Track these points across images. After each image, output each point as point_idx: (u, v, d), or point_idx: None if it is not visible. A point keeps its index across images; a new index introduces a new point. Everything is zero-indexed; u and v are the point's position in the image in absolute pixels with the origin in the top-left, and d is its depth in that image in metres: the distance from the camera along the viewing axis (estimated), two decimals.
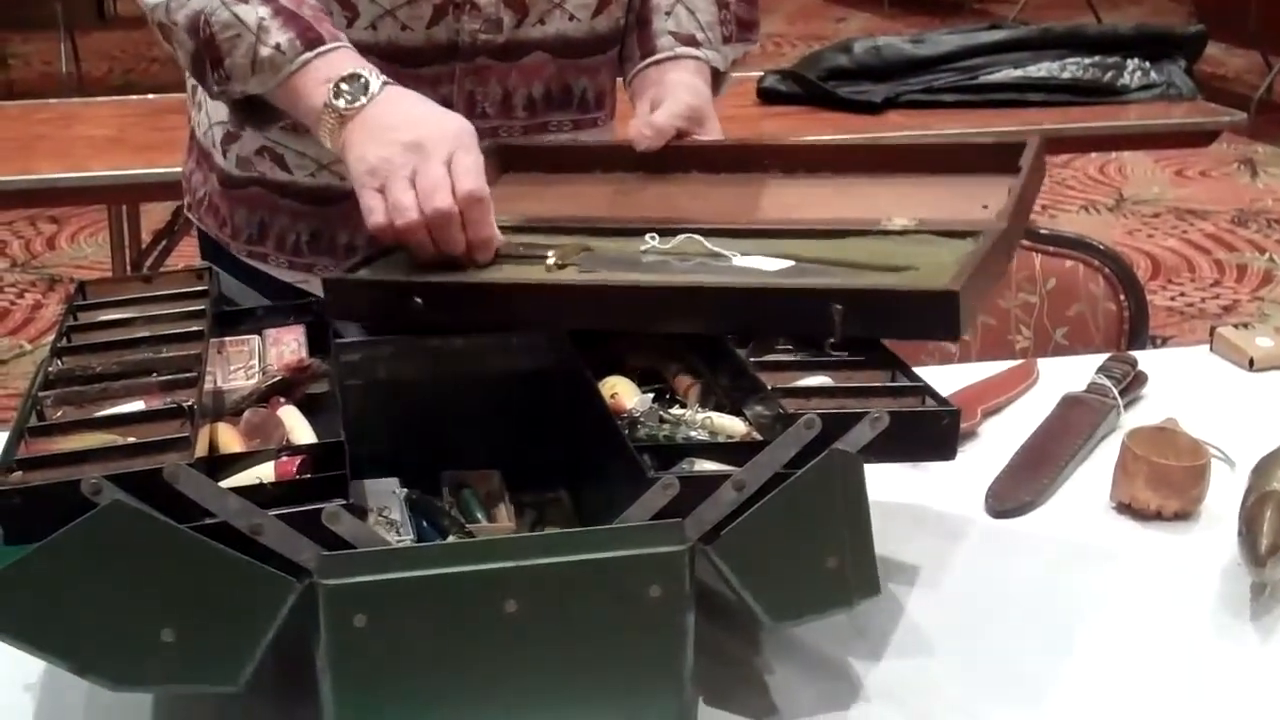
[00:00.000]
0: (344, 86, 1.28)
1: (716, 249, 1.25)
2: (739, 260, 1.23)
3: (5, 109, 3.42)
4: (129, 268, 3.38)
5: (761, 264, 1.22)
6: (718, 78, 1.56)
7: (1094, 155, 5.78)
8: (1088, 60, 3.35)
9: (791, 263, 1.22)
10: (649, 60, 1.52)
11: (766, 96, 3.33)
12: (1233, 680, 1.15)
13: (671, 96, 1.46)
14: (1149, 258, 4.87)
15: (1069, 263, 2.07)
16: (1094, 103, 3.33)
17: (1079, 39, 3.41)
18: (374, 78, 1.28)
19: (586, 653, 0.97)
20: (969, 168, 1.38)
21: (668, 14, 1.53)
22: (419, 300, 1.19)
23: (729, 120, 1.50)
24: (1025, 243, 2.08)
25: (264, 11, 1.32)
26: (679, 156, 1.45)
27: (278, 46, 1.31)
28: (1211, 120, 3.36)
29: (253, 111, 1.40)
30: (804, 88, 3.31)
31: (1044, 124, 3.25)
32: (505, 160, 1.48)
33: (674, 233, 1.28)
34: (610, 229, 1.33)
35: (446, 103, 1.45)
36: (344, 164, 1.28)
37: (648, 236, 1.28)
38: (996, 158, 1.37)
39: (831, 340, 1.13)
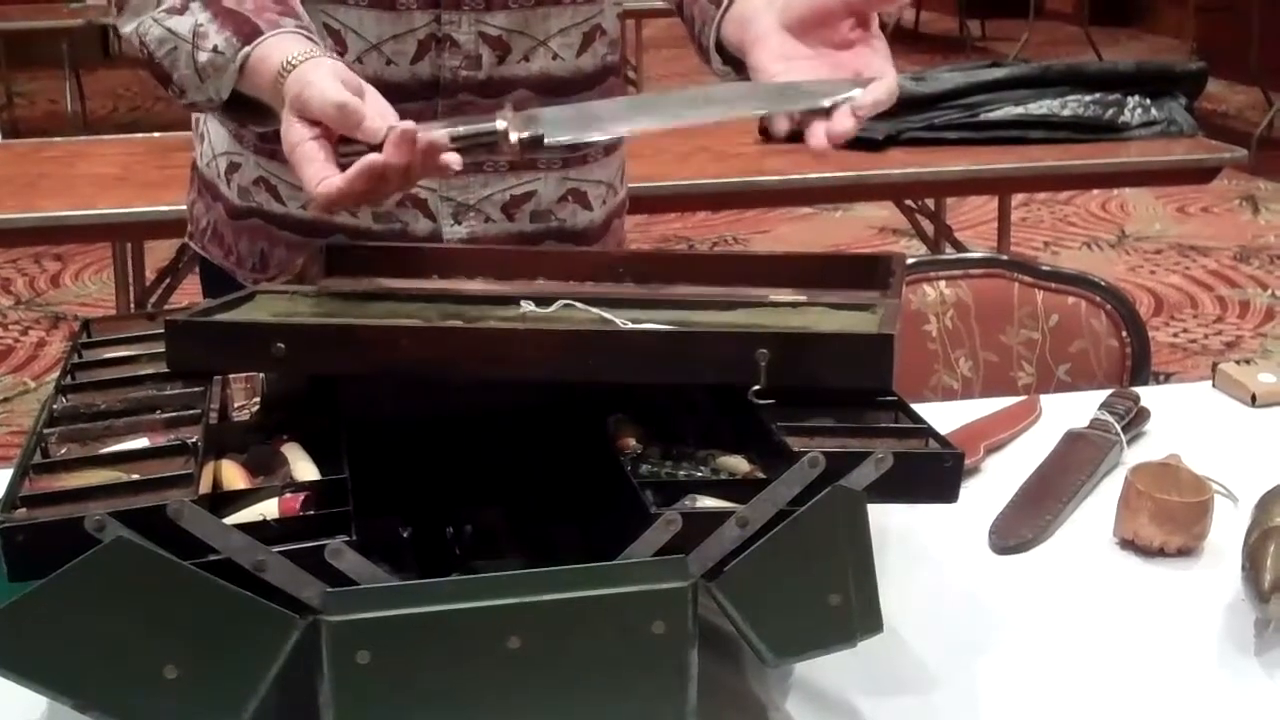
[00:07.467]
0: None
1: (601, 313, 1.17)
2: (626, 327, 1.14)
3: (11, 147, 3.44)
4: (133, 305, 3.39)
5: (650, 329, 1.13)
6: None
7: (1096, 192, 5.80)
8: (1089, 97, 3.37)
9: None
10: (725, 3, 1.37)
11: (769, 134, 3.33)
12: (1237, 716, 1.15)
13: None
14: (1151, 294, 4.87)
15: (1071, 299, 2.08)
16: (1095, 140, 3.34)
17: (1080, 76, 3.42)
18: (300, 58, 1.21)
19: (590, 689, 0.96)
20: (829, 283, 1.32)
21: None
22: (280, 345, 1.08)
23: (732, 158, 1.47)
24: (1027, 279, 2.09)
25: (202, 18, 1.28)
26: (524, 263, 1.36)
27: (215, 49, 1.27)
28: (1213, 157, 3.37)
29: (247, 112, 1.34)
30: None
31: (1045, 161, 3.28)
32: (332, 262, 1.38)
33: (549, 301, 1.20)
34: (478, 297, 1.24)
35: None
36: None
37: (522, 303, 1.20)
38: (863, 273, 1.32)
39: (756, 389, 1.07)
